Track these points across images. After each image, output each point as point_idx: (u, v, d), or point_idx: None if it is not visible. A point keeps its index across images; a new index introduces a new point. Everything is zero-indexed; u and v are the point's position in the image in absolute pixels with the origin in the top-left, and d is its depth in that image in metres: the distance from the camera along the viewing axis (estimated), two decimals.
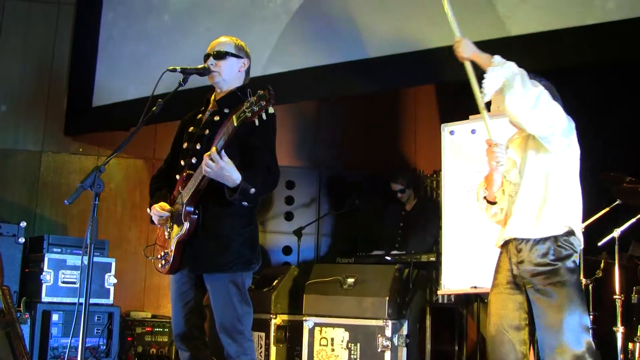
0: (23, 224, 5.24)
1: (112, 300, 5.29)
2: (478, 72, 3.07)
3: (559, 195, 3.01)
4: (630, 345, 4.09)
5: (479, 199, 3.23)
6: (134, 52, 6.07)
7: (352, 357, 4.64)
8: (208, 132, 3.21)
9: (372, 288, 4.70)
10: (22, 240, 5.23)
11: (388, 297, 4.60)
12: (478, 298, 4.45)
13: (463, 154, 4.36)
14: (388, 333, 4.55)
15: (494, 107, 4.31)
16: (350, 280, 4.77)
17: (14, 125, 6.30)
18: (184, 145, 3.32)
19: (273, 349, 5.04)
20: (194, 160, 3.19)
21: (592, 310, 4.13)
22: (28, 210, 6.12)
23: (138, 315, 5.71)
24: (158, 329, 5.63)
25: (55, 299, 5.09)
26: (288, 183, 6.62)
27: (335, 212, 6.60)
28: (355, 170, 6.89)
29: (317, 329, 4.78)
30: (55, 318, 5.02)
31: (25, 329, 4.80)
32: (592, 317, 4.03)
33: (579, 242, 3.02)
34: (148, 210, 3.33)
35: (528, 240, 3.01)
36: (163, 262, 3.27)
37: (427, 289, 5.01)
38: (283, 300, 5.15)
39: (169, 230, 3.25)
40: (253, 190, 3.02)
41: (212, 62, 3.28)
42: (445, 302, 4.91)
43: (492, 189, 3.12)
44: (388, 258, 5.12)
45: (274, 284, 5.21)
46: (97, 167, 2.88)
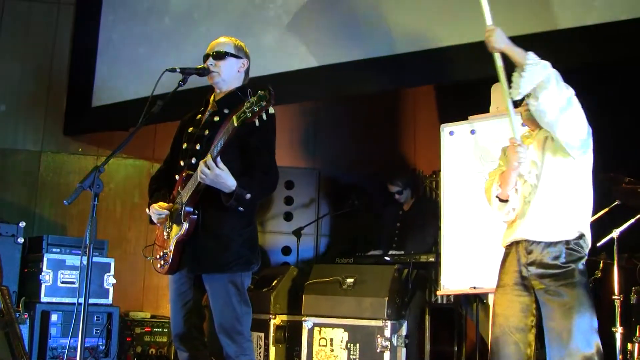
0: (22, 224, 5.24)
1: (111, 301, 5.29)
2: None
3: (574, 200, 3.02)
4: (629, 346, 4.09)
5: (491, 197, 3.18)
6: (134, 52, 6.07)
7: (351, 357, 4.64)
8: (208, 132, 3.21)
9: (371, 288, 4.70)
10: (21, 240, 5.22)
11: (387, 297, 4.60)
12: (477, 298, 4.45)
13: (462, 155, 4.36)
14: (387, 333, 4.55)
15: (493, 107, 4.33)
16: (350, 281, 4.77)
17: (14, 125, 6.31)
18: (184, 146, 3.32)
19: (272, 349, 5.04)
20: (194, 161, 3.19)
21: None
22: (27, 210, 6.12)
23: (137, 316, 5.71)
24: (157, 329, 5.63)
25: (55, 299, 5.09)
26: (287, 183, 6.62)
27: (335, 212, 6.60)
28: (355, 171, 6.89)
29: (316, 329, 4.78)
30: (55, 318, 5.01)
31: (25, 329, 4.80)
32: None
33: (588, 245, 3.03)
34: (147, 210, 3.33)
35: (539, 243, 3.00)
36: (162, 262, 3.27)
37: (426, 290, 5.01)
38: (282, 301, 5.15)
39: (168, 231, 3.25)
40: (249, 196, 3.02)
41: (211, 62, 3.28)
42: (445, 302, 4.91)
43: (506, 188, 3.08)
44: (387, 258, 5.12)
45: (273, 284, 5.21)
46: (96, 167, 2.88)
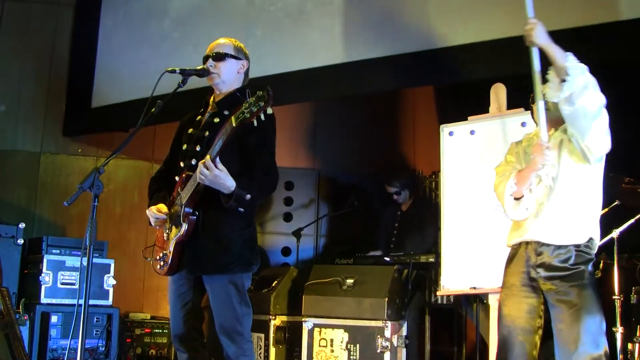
0: (22, 225, 5.24)
1: (111, 302, 5.29)
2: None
3: (587, 205, 3.02)
4: (630, 346, 4.09)
5: (504, 195, 3.11)
6: (134, 54, 6.07)
7: (351, 358, 4.64)
8: (208, 133, 3.21)
9: (371, 289, 4.70)
10: (21, 242, 5.22)
11: (387, 298, 4.60)
12: (477, 299, 4.45)
13: (462, 155, 4.36)
14: (387, 334, 4.54)
15: (493, 108, 4.33)
16: (350, 281, 4.77)
17: (13, 126, 6.31)
18: (184, 147, 3.32)
19: (272, 350, 5.03)
20: (194, 162, 3.19)
21: None
22: (27, 212, 6.12)
23: (137, 317, 5.71)
24: (157, 330, 5.62)
25: (54, 301, 5.09)
26: (287, 184, 6.61)
27: (334, 213, 6.59)
28: (354, 171, 6.89)
29: (316, 330, 4.78)
30: (55, 319, 5.01)
31: (24, 331, 4.80)
32: None
33: (596, 247, 3.04)
34: (147, 212, 3.33)
35: (549, 245, 2.99)
36: (162, 263, 3.27)
37: (426, 290, 5.00)
38: (282, 301, 5.15)
39: (168, 232, 3.25)
40: (248, 197, 3.03)
41: (211, 63, 3.28)
42: (445, 302, 4.91)
43: (522, 187, 3.05)
44: (387, 259, 5.12)
45: (273, 285, 5.21)
46: (96, 168, 2.88)
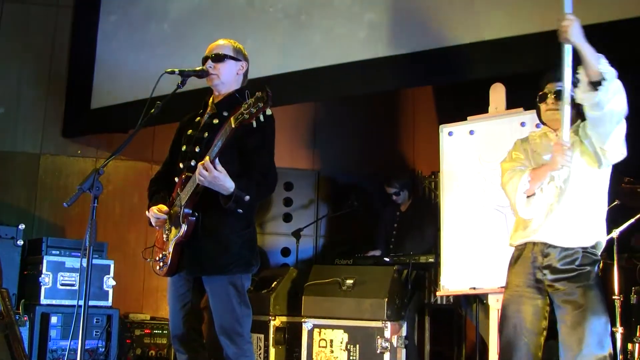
0: (22, 226, 5.24)
1: (110, 303, 5.29)
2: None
3: (596, 208, 3.02)
4: (630, 346, 4.09)
5: (515, 192, 3.05)
6: (133, 55, 6.07)
7: (351, 358, 4.63)
8: (207, 134, 3.21)
9: (370, 289, 4.70)
10: (20, 243, 5.22)
11: (387, 298, 4.59)
12: (477, 299, 4.44)
13: (461, 155, 4.36)
14: (387, 334, 4.54)
15: (492, 108, 4.33)
16: (349, 282, 4.77)
17: (13, 127, 6.30)
18: (183, 148, 3.32)
19: (272, 351, 5.03)
20: (193, 163, 3.19)
21: None
22: (26, 213, 6.12)
23: (137, 318, 5.70)
24: (157, 331, 5.62)
25: (54, 302, 5.09)
26: (286, 185, 6.62)
27: (334, 213, 6.60)
28: (354, 172, 6.89)
29: (316, 331, 4.77)
30: (54, 320, 5.02)
31: (24, 332, 4.80)
32: None
33: (602, 249, 3.04)
34: (146, 213, 3.33)
35: (556, 247, 2.98)
36: (161, 263, 3.27)
37: (425, 290, 5.00)
38: (282, 302, 5.15)
39: (167, 233, 3.25)
40: (247, 198, 3.03)
41: (210, 64, 3.28)
42: (444, 303, 4.90)
43: (535, 185, 3.01)
44: (387, 259, 5.12)
45: (273, 286, 5.21)
46: (95, 169, 2.88)
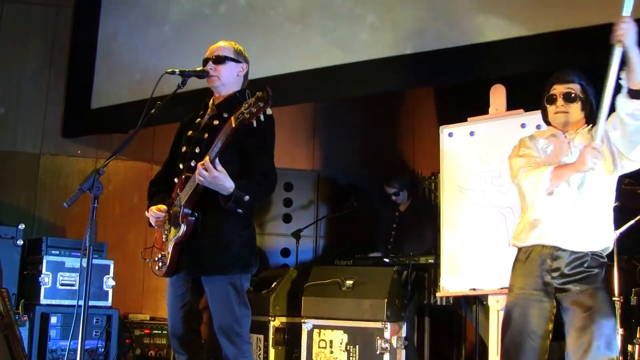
0: (21, 226, 5.24)
1: (110, 303, 5.29)
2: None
3: (607, 214, 3.03)
4: (630, 347, 4.09)
5: (537, 188, 2.96)
6: (133, 55, 6.07)
7: (350, 359, 4.64)
8: (207, 135, 3.21)
9: (370, 290, 4.70)
10: (20, 243, 5.23)
11: (387, 299, 4.59)
12: (477, 300, 4.44)
13: (462, 156, 4.36)
14: (387, 335, 4.54)
15: (492, 109, 4.33)
16: (349, 283, 4.77)
17: (13, 127, 6.30)
18: (183, 149, 3.32)
19: (272, 351, 5.03)
20: (193, 163, 3.19)
21: None
22: (26, 213, 6.12)
23: (136, 318, 5.71)
24: (156, 331, 5.62)
25: (54, 302, 5.09)
26: (286, 185, 6.62)
27: (334, 214, 6.59)
28: (354, 172, 6.88)
29: (315, 331, 4.77)
30: (54, 320, 5.02)
31: (24, 332, 4.80)
32: None
33: (608, 252, 3.05)
34: (146, 213, 3.33)
35: (566, 250, 2.98)
36: (160, 264, 3.27)
37: (425, 291, 5.00)
38: (282, 303, 5.15)
39: (167, 233, 3.25)
40: (247, 198, 3.04)
41: (211, 66, 3.29)
42: (444, 304, 4.90)
43: (556, 184, 2.95)
44: (386, 260, 5.12)
45: (273, 286, 5.21)
46: (95, 169, 2.88)
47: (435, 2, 4.82)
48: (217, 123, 3.21)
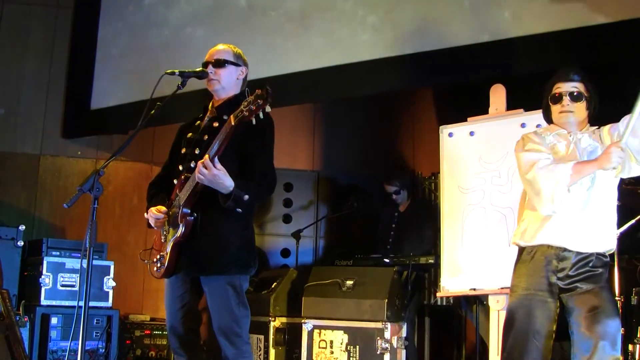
0: (22, 227, 5.24)
1: (110, 304, 5.29)
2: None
3: (612, 217, 3.03)
4: (630, 347, 4.09)
5: (558, 182, 2.90)
6: (133, 55, 6.07)
7: (351, 359, 4.63)
8: (207, 137, 3.22)
9: (370, 290, 4.70)
10: (20, 244, 5.23)
11: (387, 299, 4.59)
12: (477, 300, 4.44)
13: (462, 156, 4.36)
14: (387, 335, 4.54)
15: (492, 109, 4.33)
16: (349, 283, 4.77)
17: (13, 128, 6.30)
18: (182, 151, 3.33)
19: (272, 352, 5.03)
20: (193, 164, 3.19)
21: None
22: (27, 214, 6.12)
23: (137, 318, 5.71)
24: (157, 332, 5.62)
25: (54, 302, 5.09)
26: (286, 185, 6.62)
27: (334, 214, 6.59)
28: (354, 173, 6.88)
29: (316, 332, 4.77)
30: (55, 321, 5.02)
31: (25, 333, 4.79)
32: None
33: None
34: (145, 215, 3.34)
35: (572, 251, 2.97)
36: (158, 264, 3.27)
37: (425, 291, 5.00)
38: (282, 303, 5.15)
39: (165, 234, 3.26)
40: (246, 197, 3.04)
41: (211, 70, 3.29)
42: (444, 304, 4.90)
43: (575, 180, 2.91)
44: (387, 260, 5.12)
45: (273, 287, 5.21)
46: (96, 170, 2.88)
47: (436, 2, 4.82)
48: (216, 125, 3.21)
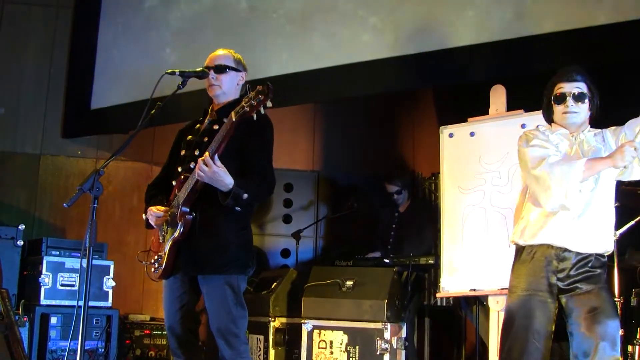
0: (22, 227, 5.24)
1: (110, 303, 5.29)
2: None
3: (611, 218, 3.03)
4: (630, 348, 4.08)
5: (570, 179, 2.85)
6: (133, 55, 6.06)
7: (350, 359, 4.63)
8: (207, 139, 3.22)
9: (370, 291, 4.70)
10: (20, 243, 5.22)
11: (387, 299, 4.59)
12: (477, 301, 4.44)
13: (462, 157, 4.36)
14: (387, 336, 4.54)
15: (493, 109, 4.33)
16: (349, 283, 4.77)
17: (13, 128, 6.30)
18: (182, 153, 3.34)
19: (272, 352, 5.03)
20: (192, 165, 3.19)
21: None
22: (27, 213, 6.12)
23: (136, 318, 5.71)
24: (156, 332, 5.62)
25: (54, 302, 5.09)
26: (286, 186, 6.62)
27: (334, 214, 6.59)
28: (354, 173, 6.88)
29: (315, 332, 4.77)
30: (54, 321, 5.02)
31: (24, 332, 4.80)
32: None
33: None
34: (143, 216, 3.34)
35: (572, 252, 2.96)
36: (156, 265, 3.27)
37: (425, 292, 5.00)
38: (282, 303, 5.14)
39: (164, 234, 3.26)
40: (246, 196, 3.04)
41: (213, 75, 3.30)
42: (444, 304, 4.90)
43: (587, 177, 2.88)
44: (386, 261, 5.12)
45: (273, 287, 5.20)
46: (96, 170, 2.88)
47: (437, 3, 4.82)
48: (217, 128, 3.21)
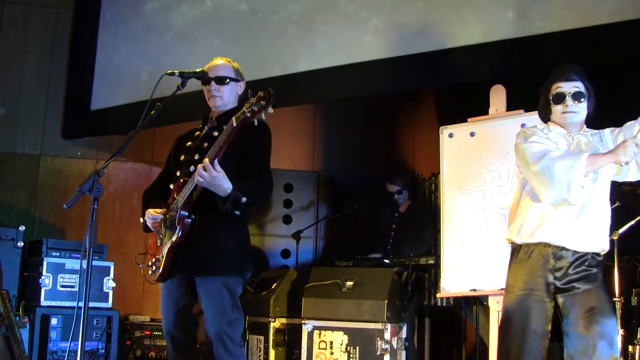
0: (22, 228, 5.25)
1: (110, 304, 5.29)
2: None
3: (608, 217, 3.03)
4: (630, 348, 4.08)
5: (574, 174, 2.83)
6: (133, 55, 6.07)
7: None
8: (207, 145, 3.22)
9: (370, 291, 4.69)
10: (20, 244, 5.23)
11: (387, 300, 4.59)
12: (477, 301, 4.44)
13: (462, 157, 4.36)
14: (387, 336, 4.54)
15: (492, 109, 4.33)
16: (349, 284, 4.77)
17: (13, 129, 6.31)
18: (181, 158, 3.34)
19: (272, 353, 5.03)
20: (192, 169, 3.20)
21: None
22: (27, 214, 6.12)
23: (137, 319, 5.71)
24: (157, 333, 5.62)
25: (54, 303, 5.09)
26: (286, 186, 6.61)
27: (334, 215, 6.59)
28: (354, 173, 6.88)
29: (315, 332, 4.77)
30: (54, 322, 5.02)
31: (24, 333, 4.80)
32: None
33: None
34: (141, 220, 3.34)
35: (569, 250, 2.96)
36: (154, 268, 3.27)
37: (425, 292, 5.00)
38: (282, 304, 5.14)
39: (162, 237, 3.26)
40: (244, 200, 3.05)
41: (214, 87, 3.31)
42: (444, 305, 4.90)
43: (590, 172, 2.88)
44: (387, 261, 5.12)
45: (273, 288, 5.20)
46: (95, 170, 2.88)
47: (437, 3, 4.82)
48: (216, 134, 3.21)
